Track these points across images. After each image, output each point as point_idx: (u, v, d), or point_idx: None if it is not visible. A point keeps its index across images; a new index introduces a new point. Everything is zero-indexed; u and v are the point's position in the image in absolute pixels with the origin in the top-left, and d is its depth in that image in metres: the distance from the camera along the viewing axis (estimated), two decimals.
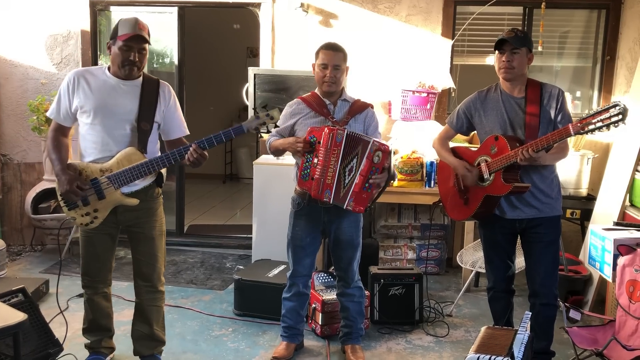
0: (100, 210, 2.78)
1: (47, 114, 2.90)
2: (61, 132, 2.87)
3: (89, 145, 2.80)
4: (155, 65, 5.71)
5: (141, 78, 2.84)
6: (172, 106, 2.89)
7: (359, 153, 2.85)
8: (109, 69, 2.82)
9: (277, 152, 3.14)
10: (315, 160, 2.88)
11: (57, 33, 5.13)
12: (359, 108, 3.11)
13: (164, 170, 2.96)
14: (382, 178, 2.88)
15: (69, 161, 2.79)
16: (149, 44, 2.79)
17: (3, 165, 5.20)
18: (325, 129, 2.88)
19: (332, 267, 3.37)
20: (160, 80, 2.91)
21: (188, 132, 2.97)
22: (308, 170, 2.92)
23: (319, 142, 2.88)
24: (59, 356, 3.02)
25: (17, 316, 2.33)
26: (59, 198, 2.80)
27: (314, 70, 3.09)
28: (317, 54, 3.07)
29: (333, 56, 3.01)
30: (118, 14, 5.23)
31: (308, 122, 3.03)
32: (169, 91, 2.91)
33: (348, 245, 3.14)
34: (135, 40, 2.72)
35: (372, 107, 3.18)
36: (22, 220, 5.21)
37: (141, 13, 5.20)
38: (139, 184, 2.83)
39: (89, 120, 2.76)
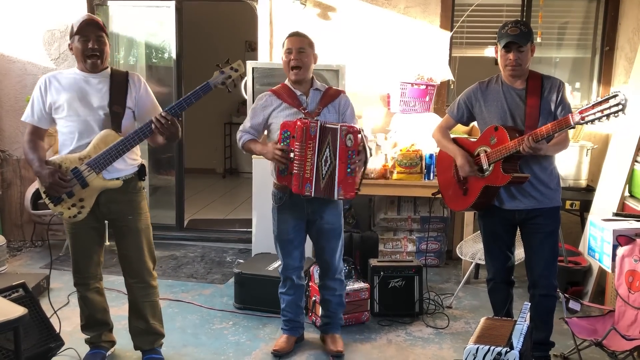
0: (85, 199, 2.79)
1: (22, 118, 2.92)
2: (37, 135, 2.88)
3: (66, 137, 2.82)
4: (153, 60, 5.69)
5: (109, 70, 2.88)
6: (143, 92, 2.91)
7: (330, 142, 2.85)
8: (78, 68, 2.85)
9: (251, 152, 3.13)
10: (292, 155, 2.86)
11: (55, 28, 5.12)
12: (331, 96, 3.07)
13: (145, 162, 2.98)
14: (360, 159, 2.90)
15: (47, 159, 2.81)
16: (106, 34, 2.82)
17: (2, 161, 5.19)
18: (298, 122, 2.86)
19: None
20: (129, 71, 2.94)
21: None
22: (286, 165, 2.90)
23: (294, 137, 2.85)
24: (60, 351, 3.03)
25: (17, 310, 2.33)
26: (43, 196, 2.82)
27: (283, 62, 3.07)
28: (282, 44, 3.07)
29: (296, 41, 3.01)
30: (115, 8, 5.21)
31: (282, 115, 3.00)
32: (139, 79, 2.93)
33: (331, 234, 3.13)
34: (89, 27, 2.75)
35: (344, 92, 3.17)
36: (22, 216, 5.22)
37: (139, 7, 5.19)
38: (121, 171, 2.83)
39: (64, 113, 2.79)
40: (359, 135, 2.88)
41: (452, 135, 3.18)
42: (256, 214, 4.56)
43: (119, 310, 3.53)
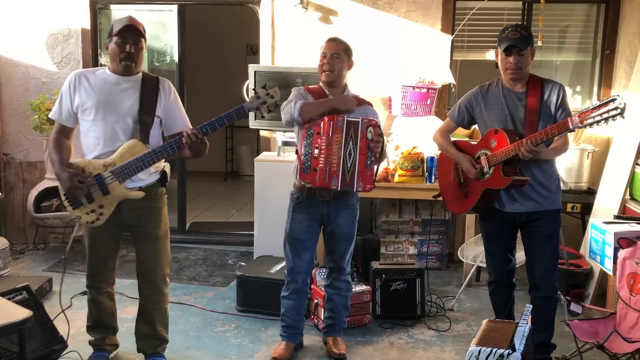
0: (105, 206, 2.78)
1: (50, 115, 2.91)
2: (63, 134, 2.88)
3: (91, 141, 2.80)
4: (155, 63, 5.71)
5: (141, 74, 2.86)
6: (172, 100, 2.90)
7: (352, 135, 2.90)
8: (109, 68, 2.84)
9: (310, 111, 2.95)
10: (316, 152, 2.91)
11: (58, 32, 5.14)
12: (359, 102, 3.13)
13: (167, 169, 2.97)
14: (379, 143, 2.95)
15: (71, 160, 2.80)
16: (145, 39, 2.81)
17: (5, 164, 5.21)
18: (325, 118, 2.91)
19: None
20: (160, 77, 2.93)
21: (190, 127, 2.96)
22: (309, 163, 2.94)
23: (318, 133, 2.91)
24: (64, 353, 3.04)
25: (22, 313, 2.35)
26: (63, 198, 2.80)
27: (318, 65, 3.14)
28: (321, 47, 3.13)
29: (332, 46, 3.08)
30: (118, 12, 5.23)
31: None
32: (169, 86, 2.92)
33: (344, 238, 3.16)
34: (129, 31, 2.75)
35: (372, 105, 3.20)
36: (24, 219, 5.23)
37: (141, 11, 5.21)
38: (144, 180, 2.83)
39: (91, 117, 2.78)
40: (378, 128, 2.96)
41: (453, 138, 3.20)
42: (258, 216, 4.57)
43: (122, 313, 3.54)
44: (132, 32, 2.75)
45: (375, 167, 3.04)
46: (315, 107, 3.00)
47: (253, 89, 2.81)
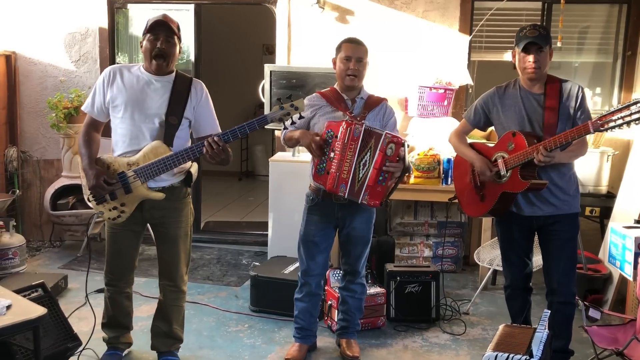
0: (127, 204, 2.80)
1: (82, 107, 2.93)
2: (94, 127, 2.89)
3: (119, 138, 2.82)
4: None
5: (174, 74, 2.85)
6: (203, 102, 2.89)
7: (372, 146, 2.83)
8: (143, 66, 2.85)
9: (291, 141, 3.09)
10: (332, 155, 2.88)
11: (76, 31, 5.18)
12: (375, 102, 3.09)
13: (194, 170, 2.96)
14: (396, 167, 2.84)
15: (98, 155, 2.82)
16: (178, 37, 2.80)
17: (22, 162, 5.26)
18: (343, 123, 2.87)
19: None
20: (194, 78, 2.92)
21: (220, 130, 2.91)
22: (324, 165, 2.92)
23: (336, 137, 2.87)
24: (78, 350, 3.05)
25: (37, 310, 2.36)
26: (88, 192, 2.82)
27: (335, 65, 3.07)
28: (338, 47, 3.06)
29: (357, 49, 3.01)
30: (135, 11, 5.26)
31: (326, 117, 3.02)
32: (202, 88, 2.90)
33: (359, 241, 3.13)
34: (160, 27, 2.73)
35: (387, 100, 3.16)
36: (41, 216, 5.28)
37: (158, 11, 5.21)
38: (166, 180, 2.83)
39: (120, 114, 2.79)
40: (402, 148, 2.85)
41: (470, 140, 3.16)
42: (272, 216, 4.57)
43: (136, 312, 3.54)
44: (163, 29, 2.74)
45: (391, 184, 2.93)
46: (294, 140, 3.04)
47: (278, 99, 2.76)
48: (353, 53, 2.99)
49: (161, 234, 2.94)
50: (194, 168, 2.97)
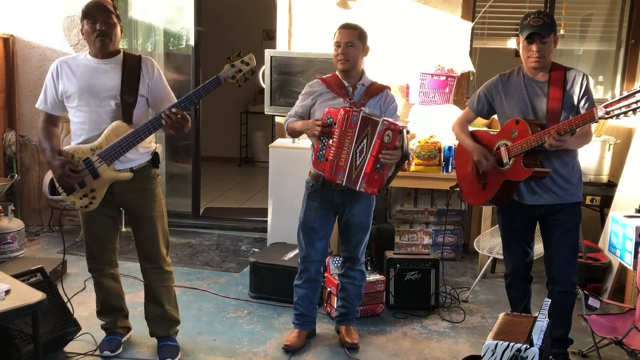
0: (97, 189, 2.79)
1: (36, 105, 2.92)
2: (51, 122, 2.89)
3: (77, 127, 2.82)
4: (171, 48, 5.69)
5: (121, 55, 2.83)
6: (157, 78, 2.87)
7: (369, 133, 2.80)
8: (90, 53, 2.83)
9: (295, 133, 3.13)
10: (330, 142, 2.87)
11: (75, 14, 5.11)
12: (376, 90, 3.07)
13: (159, 150, 2.95)
14: (393, 156, 2.78)
15: (60, 148, 2.81)
16: (116, 15, 2.77)
17: (21, 146, 5.23)
18: (341, 110, 2.86)
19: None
20: (142, 55, 2.90)
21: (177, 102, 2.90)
22: (323, 152, 2.90)
23: (335, 124, 2.86)
24: (77, 335, 3.05)
25: (36, 295, 2.35)
26: (57, 185, 2.82)
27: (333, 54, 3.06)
28: (334, 35, 3.05)
29: (345, 34, 3.00)
30: None
31: (327, 103, 3.00)
32: (152, 64, 2.88)
33: (359, 228, 3.12)
34: (97, 9, 2.71)
35: (389, 89, 3.14)
36: (39, 201, 5.26)
37: None
38: (133, 161, 2.82)
39: (75, 103, 2.78)
40: (399, 135, 2.78)
41: (472, 128, 3.14)
42: (272, 203, 4.55)
43: (135, 297, 3.56)
44: (100, 10, 2.72)
45: (390, 173, 2.88)
46: (297, 131, 3.07)
47: (228, 57, 2.76)
48: (342, 38, 2.99)
49: (137, 217, 2.93)
50: (159, 148, 2.97)
